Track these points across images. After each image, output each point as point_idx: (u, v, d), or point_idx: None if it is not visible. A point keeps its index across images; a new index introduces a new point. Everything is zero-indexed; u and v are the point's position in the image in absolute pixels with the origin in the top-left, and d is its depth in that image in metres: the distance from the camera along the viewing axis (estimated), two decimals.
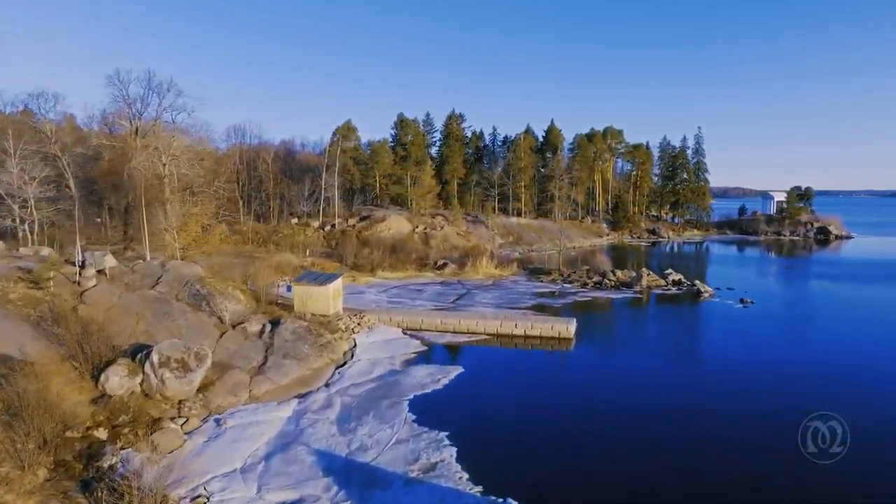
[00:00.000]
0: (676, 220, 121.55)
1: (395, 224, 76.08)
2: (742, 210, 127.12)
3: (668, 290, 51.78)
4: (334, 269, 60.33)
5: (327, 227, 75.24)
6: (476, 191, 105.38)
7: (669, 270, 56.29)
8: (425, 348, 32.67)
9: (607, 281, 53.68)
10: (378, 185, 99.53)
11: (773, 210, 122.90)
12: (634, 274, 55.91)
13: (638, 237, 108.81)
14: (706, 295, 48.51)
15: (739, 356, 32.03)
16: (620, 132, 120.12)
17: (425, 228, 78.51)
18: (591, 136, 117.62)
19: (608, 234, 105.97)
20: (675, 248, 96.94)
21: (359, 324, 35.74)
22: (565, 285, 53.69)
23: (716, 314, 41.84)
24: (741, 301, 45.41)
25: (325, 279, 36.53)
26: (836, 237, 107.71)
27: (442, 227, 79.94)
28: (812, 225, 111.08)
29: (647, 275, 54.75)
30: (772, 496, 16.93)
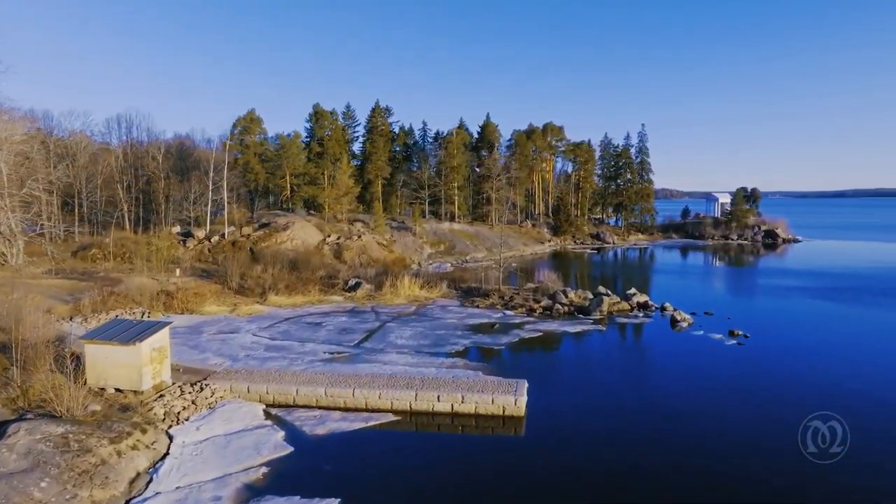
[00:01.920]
0: (620, 224, 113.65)
1: (300, 233, 62.67)
2: (685, 212, 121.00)
3: (635, 316, 41.26)
4: (212, 292, 46.67)
5: (214, 238, 60.89)
6: (403, 192, 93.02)
7: (633, 291, 45.91)
8: (290, 450, 19.98)
9: (559, 306, 42.60)
10: (288, 186, 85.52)
11: (717, 212, 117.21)
12: (591, 296, 45.18)
13: (582, 243, 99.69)
14: (684, 324, 38.20)
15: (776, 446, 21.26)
16: (561, 129, 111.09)
17: (338, 238, 65.47)
18: (529, 133, 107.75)
19: (550, 240, 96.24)
20: (623, 256, 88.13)
21: (193, 402, 22.66)
22: (507, 312, 42.24)
23: (707, 357, 31.29)
24: (731, 334, 35.26)
25: (138, 332, 23.18)
26: (784, 241, 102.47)
27: (360, 236, 67.12)
28: (759, 228, 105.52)
29: (608, 296, 44.19)
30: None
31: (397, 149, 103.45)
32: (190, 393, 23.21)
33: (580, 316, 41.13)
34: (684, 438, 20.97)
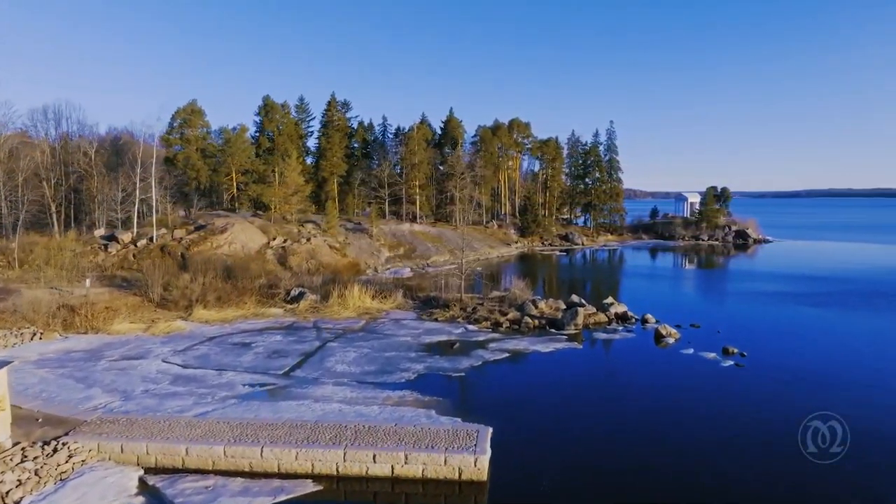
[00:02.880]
0: (589, 224, 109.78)
1: (240, 236, 56.13)
2: (654, 212, 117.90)
3: (614, 330, 36.37)
4: (128, 306, 40.15)
5: (141, 242, 53.87)
6: (361, 192, 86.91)
7: (610, 300, 41.11)
8: None
9: (528, 319, 37.43)
10: (234, 184, 78.57)
11: (686, 212, 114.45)
12: (564, 307, 40.21)
13: (550, 244, 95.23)
14: (670, 340, 33.44)
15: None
16: (528, 125, 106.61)
17: (285, 241, 59.14)
18: (495, 129, 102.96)
19: (517, 242, 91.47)
20: (594, 258, 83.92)
21: (36, 473, 16.57)
22: (469, 327, 36.87)
23: (705, 385, 26.42)
24: (725, 352, 30.60)
25: None
26: (755, 241, 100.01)
27: (309, 239, 60.89)
28: (730, 228, 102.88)
29: (582, 306, 39.28)
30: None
31: (356, 145, 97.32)
32: (36, 459, 17.08)
33: (552, 331, 36.04)
34: None
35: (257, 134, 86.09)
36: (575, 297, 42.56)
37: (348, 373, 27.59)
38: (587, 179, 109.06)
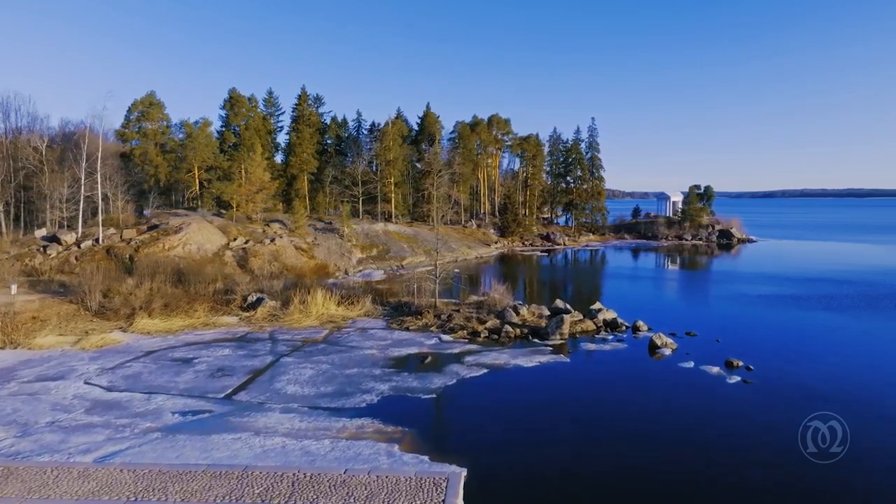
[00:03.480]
0: (570, 224, 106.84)
1: (196, 236, 51.67)
2: (636, 212, 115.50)
3: (604, 339, 32.94)
4: (60, 315, 35.73)
5: (86, 244, 49.12)
6: (333, 190, 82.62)
7: (598, 306, 37.71)
8: None
9: (509, 327, 33.81)
10: (196, 181, 73.84)
11: (669, 211, 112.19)
12: (548, 313, 36.72)
13: (531, 244, 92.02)
14: (666, 351, 30.07)
15: None
16: (507, 122, 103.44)
17: (246, 242, 54.80)
18: (474, 126, 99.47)
19: (497, 242, 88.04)
20: (576, 259, 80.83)
21: None
22: (444, 337, 33.13)
23: (709, 405, 23.02)
24: (729, 365, 27.32)
25: None
26: (739, 241, 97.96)
27: (273, 240, 56.61)
28: (714, 228, 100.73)
29: (568, 313, 35.82)
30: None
31: (329, 141, 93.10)
32: None
33: (535, 341, 32.46)
34: None
35: (223, 129, 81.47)
36: (559, 303, 39.05)
37: (300, 395, 23.66)
38: (568, 178, 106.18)
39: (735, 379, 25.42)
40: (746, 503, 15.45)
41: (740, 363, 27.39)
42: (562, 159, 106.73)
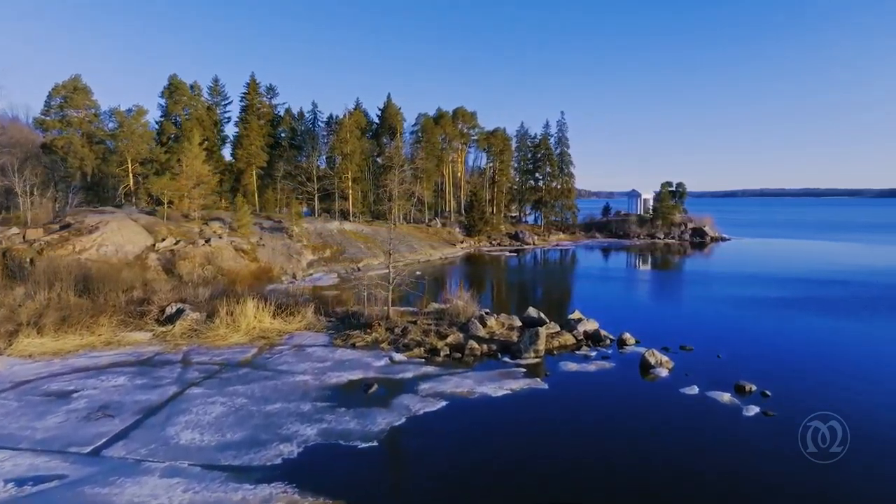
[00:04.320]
0: (539, 222, 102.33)
1: (114, 237, 44.87)
2: (606, 210, 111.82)
3: (586, 356, 27.79)
4: None
5: None
6: (284, 185, 75.98)
7: (577, 315, 32.67)
8: None
9: (474, 343, 28.41)
10: (131, 175, 66.49)
11: (639, 209, 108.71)
12: (519, 324, 31.51)
13: (499, 244, 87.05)
14: (662, 371, 25.08)
15: None
16: (473, 115, 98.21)
17: (176, 243, 48.16)
18: (438, 118, 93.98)
19: (462, 242, 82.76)
20: (546, 259, 76.13)
21: None
22: (396, 357, 27.52)
23: (728, 451, 17.99)
24: (740, 390, 22.47)
25: None
26: (713, 239, 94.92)
27: (209, 241, 50.09)
28: (686, 226, 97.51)
29: (543, 324, 30.69)
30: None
31: (283, 134, 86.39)
32: None
33: (506, 359, 27.16)
34: None
35: (162, 119, 74.12)
36: (532, 311, 33.82)
37: (197, 447, 17.80)
38: (537, 174, 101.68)
39: (753, 410, 20.47)
40: None
41: (753, 387, 22.55)
42: (530, 155, 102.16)
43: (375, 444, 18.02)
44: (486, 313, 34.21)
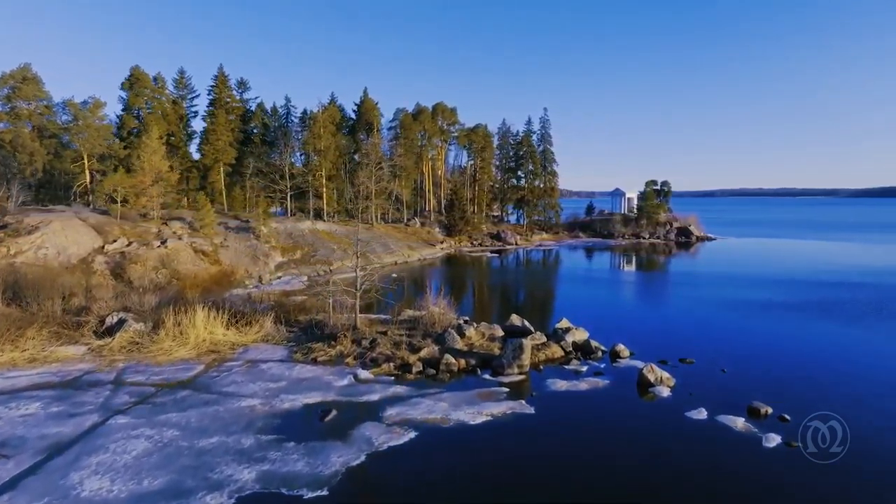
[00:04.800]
0: (522, 222, 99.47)
1: (57, 238, 40.86)
2: (590, 209, 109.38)
3: (576, 372, 24.71)
4: None
5: None
6: (255, 183, 72.01)
7: (565, 323, 29.67)
8: None
9: (451, 357, 25.16)
10: (87, 172, 62.17)
11: (623, 208, 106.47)
12: (501, 333, 28.45)
13: (480, 244, 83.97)
14: (663, 390, 22.10)
15: None
16: (454, 111, 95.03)
17: (129, 244, 44.26)
18: (417, 114, 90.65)
19: (442, 242, 79.53)
20: (529, 259, 73.23)
21: None
22: (361, 374, 24.18)
23: (751, 496, 15.02)
24: (753, 414, 19.61)
25: None
26: (698, 238, 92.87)
27: (165, 242, 46.24)
28: (672, 225, 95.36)
29: (528, 335, 27.68)
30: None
31: (255, 130, 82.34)
32: None
33: (486, 376, 23.99)
34: None
35: (123, 112, 69.77)
36: (516, 319, 30.85)
37: (102, 499, 14.34)
38: (520, 172, 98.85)
39: (773, 440, 17.51)
40: None
41: (769, 410, 19.65)
42: (512, 153, 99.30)
43: (325, 492, 14.72)
44: (465, 322, 31.08)
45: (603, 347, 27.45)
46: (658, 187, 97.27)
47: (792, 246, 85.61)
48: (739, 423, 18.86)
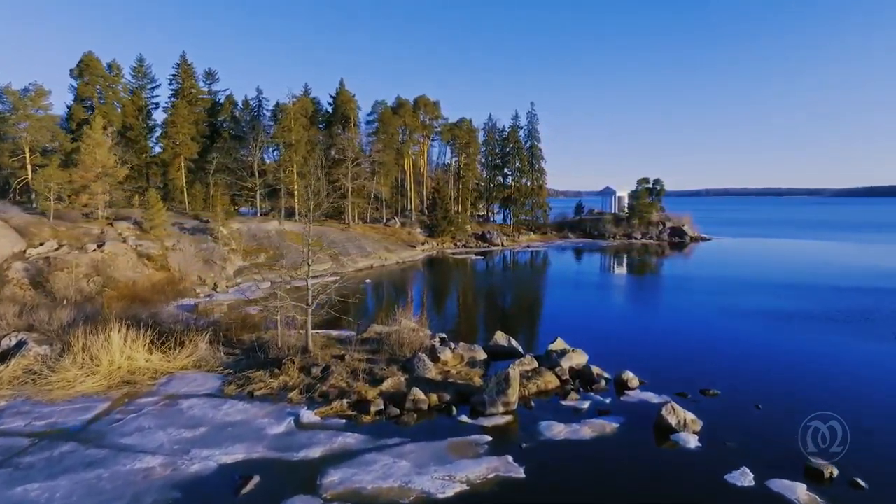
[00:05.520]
0: (508, 221, 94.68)
1: None
2: (579, 208, 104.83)
3: (576, 410, 19.74)
4: None
5: None
6: (220, 180, 66.33)
7: (559, 344, 24.79)
8: None
9: (419, 393, 20.06)
10: (29, 167, 56.21)
11: (614, 207, 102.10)
12: (484, 357, 23.56)
13: (465, 245, 79.02)
14: (688, 438, 17.20)
15: None
16: (437, 104, 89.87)
17: (58, 248, 38.69)
18: (397, 108, 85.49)
19: (424, 243, 74.44)
20: (516, 262, 68.41)
21: None
22: (305, 415, 19.02)
23: None
24: (814, 476, 14.89)
25: None
26: (692, 239, 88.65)
27: (102, 245, 40.72)
28: (665, 225, 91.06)
29: (516, 360, 22.80)
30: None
31: (224, 124, 76.66)
32: None
33: (463, 417, 18.99)
34: None
35: (74, 102, 63.86)
36: (501, 338, 26.03)
37: None
38: (506, 169, 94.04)
39: None
40: None
41: (833, 472, 14.86)
42: (498, 149, 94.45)
43: None
44: (441, 341, 26.15)
45: (606, 375, 22.58)
46: (650, 185, 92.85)
47: (793, 246, 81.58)
48: (800, 492, 14.03)
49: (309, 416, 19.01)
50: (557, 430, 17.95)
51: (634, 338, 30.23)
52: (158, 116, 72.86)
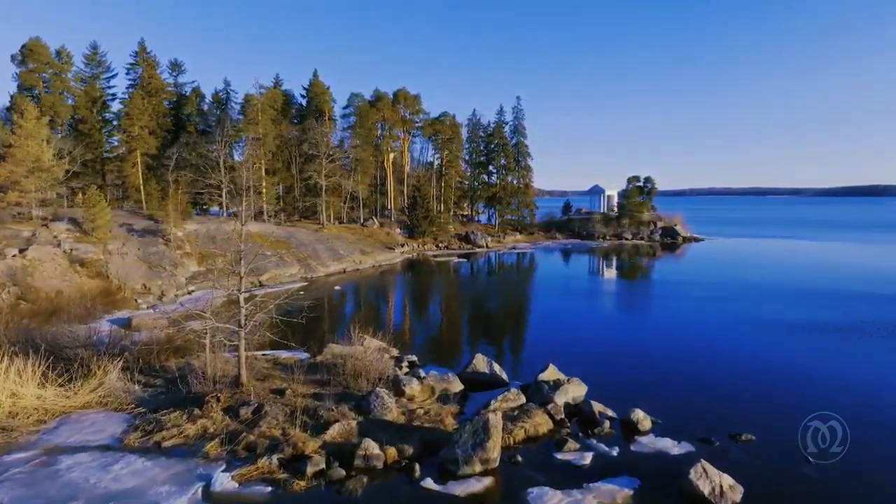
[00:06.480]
0: (493, 221, 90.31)
1: None
2: (567, 207, 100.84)
3: (573, 465, 15.28)
4: None
5: None
6: (178, 177, 61.10)
7: (551, 372, 20.35)
8: None
9: (371, 446, 15.45)
10: None
11: (603, 207, 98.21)
12: (460, 388, 19.08)
13: (447, 247, 74.49)
14: None
15: None
16: (417, 98, 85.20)
17: None
18: (375, 101, 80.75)
19: (403, 245, 69.80)
20: (501, 265, 63.99)
21: None
22: (221, 477, 14.29)
23: None
24: None
25: None
26: (685, 239, 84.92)
27: (24, 250, 35.61)
28: (656, 225, 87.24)
29: (499, 388, 18.32)
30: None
31: (190, 119, 71.54)
32: None
33: (428, 482, 14.41)
34: None
35: (18, 93, 58.38)
36: (481, 362, 21.63)
37: None
38: (491, 167, 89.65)
39: None
40: None
41: None
42: (483, 146, 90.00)
43: None
44: (410, 366, 21.70)
45: (611, 413, 18.17)
46: (641, 184, 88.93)
47: (794, 247, 78.00)
48: None
49: (224, 480, 14.34)
50: (553, 501, 13.47)
51: (638, 359, 25.82)
52: (118, 109, 67.66)
